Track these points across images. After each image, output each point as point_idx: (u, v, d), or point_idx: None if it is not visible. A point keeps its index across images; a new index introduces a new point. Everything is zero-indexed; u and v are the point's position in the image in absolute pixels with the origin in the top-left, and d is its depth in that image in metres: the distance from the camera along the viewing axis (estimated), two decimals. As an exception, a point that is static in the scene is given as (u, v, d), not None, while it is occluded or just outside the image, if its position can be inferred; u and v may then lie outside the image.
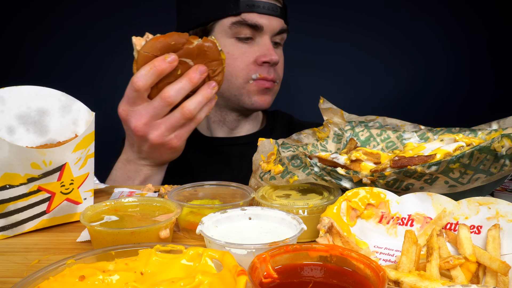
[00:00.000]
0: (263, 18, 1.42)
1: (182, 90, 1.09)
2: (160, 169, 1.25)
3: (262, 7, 1.41)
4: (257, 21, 1.41)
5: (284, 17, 1.50)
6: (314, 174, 0.83)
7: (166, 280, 0.57)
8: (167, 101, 1.09)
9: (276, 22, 1.44)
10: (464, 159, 0.71)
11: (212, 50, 1.10)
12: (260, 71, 1.44)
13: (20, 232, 0.84)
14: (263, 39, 1.44)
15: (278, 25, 1.45)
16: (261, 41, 1.44)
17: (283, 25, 1.48)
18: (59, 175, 0.84)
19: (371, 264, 0.53)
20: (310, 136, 1.02)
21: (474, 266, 0.62)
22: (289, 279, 0.56)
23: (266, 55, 1.43)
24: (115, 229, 0.72)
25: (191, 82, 1.09)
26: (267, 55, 1.43)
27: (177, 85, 1.09)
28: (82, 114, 0.95)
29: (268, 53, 1.43)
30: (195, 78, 1.09)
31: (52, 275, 0.56)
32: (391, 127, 1.02)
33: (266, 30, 1.43)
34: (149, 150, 1.17)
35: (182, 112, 1.11)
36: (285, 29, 1.50)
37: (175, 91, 1.09)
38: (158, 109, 1.10)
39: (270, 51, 1.43)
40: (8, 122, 0.90)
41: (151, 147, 1.15)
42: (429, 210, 0.73)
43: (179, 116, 1.11)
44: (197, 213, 0.82)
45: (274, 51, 1.45)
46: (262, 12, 1.41)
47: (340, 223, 0.72)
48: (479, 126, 0.94)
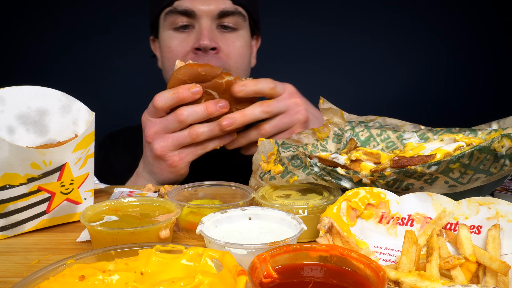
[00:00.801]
0: (197, 3, 1.34)
1: (195, 113, 1.10)
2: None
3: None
4: (187, 6, 1.34)
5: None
6: (314, 174, 0.83)
7: (166, 280, 0.57)
8: (179, 117, 1.10)
9: (216, 5, 1.35)
10: (464, 159, 0.71)
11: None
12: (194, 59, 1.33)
13: (20, 232, 0.84)
14: (200, 24, 1.35)
15: (218, 7, 1.35)
16: (198, 27, 1.36)
17: (229, 6, 1.37)
18: (59, 175, 0.84)
19: (371, 264, 0.53)
20: (310, 136, 1.02)
21: (474, 266, 0.62)
22: (289, 279, 0.56)
23: (196, 41, 1.33)
24: (115, 229, 0.72)
25: (207, 110, 1.10)
26: (197, 40, 1.33)
27: (193, 107, 1.11)
28: (82, 114, 0.95)
29: (198, 37, 1.33)
30: (211, 108, 1.10)
31: (52, 275, 0.56)
32: (391, 127, 1.02)
33: (201, 14, 1.34)
34: (153, 162, 1.18)
35: (190, 131, 1.12)
36: (234, 11, 1.38)
37: (188, 111, 1.10)
38: (170, 122, 1.12)
39: (202, 35, 1.33)
40: (8, 122, 0.90)
41: (154, 158, 1.16)
42: (429, 210, 0.73)
43: (186, 134, 1.12)
44: (197, 213, 0.82)
45: (211, 35, 1.34)
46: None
47: (340, 223, 0.72)
48: (479, 126, 0.94)
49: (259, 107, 1.13)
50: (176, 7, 1.36)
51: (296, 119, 1.15)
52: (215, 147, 1.17)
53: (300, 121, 1.15)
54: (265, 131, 1.15)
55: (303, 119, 1.15)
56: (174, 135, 1.13)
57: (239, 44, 1.41)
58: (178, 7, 1.35)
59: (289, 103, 1.15)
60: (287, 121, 1.15)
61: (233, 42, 1.40)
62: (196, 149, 1.15)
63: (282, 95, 1.15)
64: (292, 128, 1.16)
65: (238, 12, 1.39)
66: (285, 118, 1.15)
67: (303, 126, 1.16)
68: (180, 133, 1.13)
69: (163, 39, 1.42)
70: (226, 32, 1.40)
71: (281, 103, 1.14)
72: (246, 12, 1.44)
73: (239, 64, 1.41)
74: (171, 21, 1.38)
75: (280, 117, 1.15)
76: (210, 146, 1.16)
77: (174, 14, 1.36)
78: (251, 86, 1.11)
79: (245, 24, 1.45)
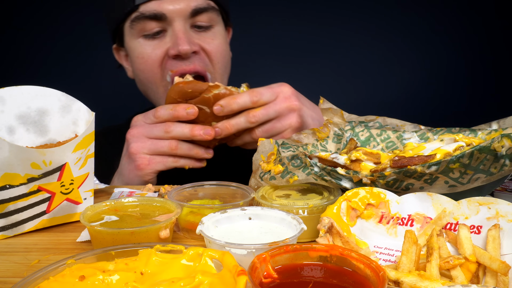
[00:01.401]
0: (166, 3, 1.23)
1: (181, 131, 1.13)
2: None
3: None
4: (156, 10, 1.22)
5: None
6: (314, 174, 0.83)
7: (166, 280, 0.57)
8: (165, 128, 1.14)
9: (186, 2, 1.25)
10: (464, 159, 0.71)
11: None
12: (173, 65, 1.26)
13: (20, 232, 0.84)
14: (173, 27, 1.25)
15: (191, 5, 1.25)
16: (171, 30, 1.26)
17: (201, 3, 1.27)
18: (59, 175, 0.84)
19: (371, 264, 0.53)
20: (310, 136, 1.02)
21: (474, 266, 0.62)
22: (289, 279, 0.56)
23: (174, 46, 1.24)
24: (115, 229, 0.72)
25: (191, 132, 1.13)
26: (174, 46, 1.24)
27: (181, 125, 1.14)
28: (82, 114, 0.95)
29: (175, 43, 1.24)
30: (196, 132, 1.13)
31: (52, 275, 0.56)
32: (391, 127, 1.02)
33: (172, 16, 1.24)
34: (124, 162, 1.19)
35: (170, 141, 1.14)
36: (207, 7, 1.29)
37: (176, 126, 1.13)
38: (156, 129, 1.14)
39: (178, 39, 1.23)
40: (8, 122, 0.90)
41: (127, 157, 1.17)
42: (429, 210, 0.73)
43: (166, 143, 1.14)
44: (197, 213, 0.82)
45: (189, 38, 1.25)
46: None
47: (340, 223, 0.72)
48: (479, 126, 0.94)
49: (245, 117, 1.13)
50: (143, 12, 1.23)
51: (288, 124, 1.14)
52: (185, 166, 1.18)
53: (292, 127, 1.14)
54: (256, 135, 1.15)
55: (295, 125, 1.14)
56: (154, 140, 1.15)
57: (217, 42, 1.34)
58: (145, 11, 1.23)
59: (280, 108, 1.13)
60: (278, 127, 1.14)
61: (211, 40, 1.32)
62: (167, 161, 1.16)
63: (275, 100, 1.14)
64: (284, 133, 1.15)
65: (211, 7, 1.30)
66: (277, 124, 1.14)
67: (296, 130, 1.15)
68: (160, 141, 1.15)
69: (132, 48, 1.31)
70: (201, 32, 1.31)
71: (270, 110, 1.13)
72: (218, 5, 1.35)
73: (221, 63, 1.35)
74: (140, 28, 1.26)
75: (272, 123, 1.15)
76: (181, 162, 1.17)
77: (142, 20, 1.24)
78: (228, 107, 1.12)
79: (219, 18, 1.37)
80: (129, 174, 1.18)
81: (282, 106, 1.13)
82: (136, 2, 1.23)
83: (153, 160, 1.15)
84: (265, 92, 1.13)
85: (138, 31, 1.27)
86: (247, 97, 1.12)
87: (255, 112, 1.13)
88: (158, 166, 1.16)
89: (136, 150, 1.15)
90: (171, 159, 1.16)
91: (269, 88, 1.15)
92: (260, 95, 1.12)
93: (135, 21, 1.26)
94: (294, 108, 1.14)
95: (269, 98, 1.13)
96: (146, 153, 1.15)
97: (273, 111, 1.13)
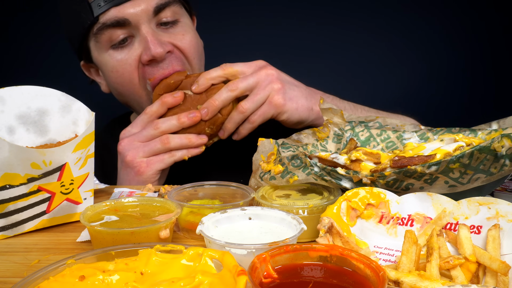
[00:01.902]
0: (126, 8, 1.17)
1: (170, 123, 1.16)
2: None
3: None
4: (117, 16, 1.17)
5: None
6: (314, 174, 0.83)
7: (166, 280, 0.57)
8: (155, 125, 1.16)
9: (147, 2, 1.19)
10: (464, 159, 0.71)
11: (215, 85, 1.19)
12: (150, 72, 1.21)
13: (20, 232, 0.84)
14: (139, 31, 1.20)
15: (152, 3, 1.19)
16: (139, 34, 1.21)
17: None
18: (59, 175, 0.84)
19: (371, 264, 0.53)
20: (310, 136, 1.02)
21: (474, 266, 0.62)
22: (289, 279, 0.56)
23: (146, 51, 1.19)
24: (115, 229, 0.72)
25: (178, 121, 1.16)
26: (146, 51, 1.19)
27: (168, 118, 1.17)
28: (82, 114, 0.95)
29: (147, 47, 1.19)
30: (183, 118, 1.16)
31: (52, 275, 0.56)
32: (391, 127, 1.02)
33: (136, 19, 1.18)
34: (122, 173, 1.19)
35: (161, 137, 1.16)
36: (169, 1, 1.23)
37: (163, 120, 1.17)
38: (146, 131, 1.16)
39: (149, 43, 1.18)
40: (8, 122, 0.90)
41: (124, 167, 1.18)
42: (429, 210, 0.73)
43: (157, 141, 1.16)
44: (197, 213, 0.82)
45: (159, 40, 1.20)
46: (121, 1, 1.17)
47: (340, 223, 0.72)
48: (479, 126, 0.94)
49: (225, 88, 1.16)
50: (104, 22, 1.18)
51: (270, 88, 1.16)
52: (183, 157, 1.18)
53: (275, 89, 1.16)
54: (243, 108, 1.16)
55: (277, 87, 1.16)
56: (146, 143, 1.16)
57: (189, 37, 1.28)
58: (106, 21, 1.18)
59: (258, 76, 1.16)
60: (262, 93, 1.16)
61: (182, 36, 1.26)
62: (164, 158, 1.17)
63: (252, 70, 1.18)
64: (269, 98, 1.16)
65: (172, 0, 1.24)
66: (259, 91, 1.16)
67: (280, 91, 1.16)
68: (152, 142, 1.16)
69: (103, 63, 1.26)
70: (169, 28, 1.25)
71: (249, 78, 1.16)
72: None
73: (196, 58, 1.31)
74: (105, 39, 1.21)
75: (255, 91, 1.16)
76: (178, 155, 1.18)
77: (105, 30, 1.19)
78: (203, 81, 1.17)
79: (182, 10, 1.30)
80: (130, 183, 1.18)
81: (260, 74, 1.16)
82: (95, 14, 1.18)
83: (150, 161, 1.16)
84: (237, 63, 1.18)
85: (104, 43, 1.22)
86: (218, 69, 1.17)
87: (234, 81, 1.16)
88: (157, 166, 1.16)
89: (132, 157, 1.16)
90: (167, 155, 1.17)
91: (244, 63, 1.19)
92: (230, 65, 1.17)
93: (98, 34, 1.21)
94: (271, 73, 1.17)
95: (242, 68, 1.18)
96: (142, 156, 1.16)
97: (252, 79, 1.16)
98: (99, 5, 1.17)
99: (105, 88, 1.41)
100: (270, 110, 1.17)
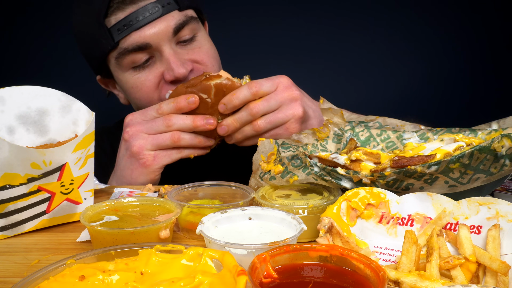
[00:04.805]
0: (145, 31, 1.18)
1: (183, 122, 1.13)
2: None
3: (136, 19, 1.17)
4: (138, 41, 1.19)
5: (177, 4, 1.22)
6: (314, 174, 0.83)
7: (166, 280, 0.57)
8: (167, 122, 1.13)
9: (166, 22, 1.20)
10: (464, 159, 0.71)
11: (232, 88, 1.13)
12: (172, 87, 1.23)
13: (20, 232, 0.84)
14: (161, 52, 1.22)
15: (171, 24, 1.21)
16: (161, 56, 1.23)
17: (179, 18, 1.23)
18: (59, 175, 0.84)
19: (371, 264, 0.54)
20: (310, 136, 1.02)
21: (474, 266, 0.62)
22: (289, 279, 0.56)
23: (168, 72, 1.22)
24: (115, 229, 0.72)
25: (193, 123, 1.13)
26: (169, 71, 1.22)
27: (182, 117, 1.13)
28: (82, 114, 0.95)
29: (169, 68, 1.22)
30: (199, 122, 1.13)
31: (52, 275, 0.56)
32: (391, 127, 1.02)
33: (157, 42, 1.20)
34: (125, 162, 1.17)
35: (172, 133, 1.14)
36: (186, 20, 1.24)
37: (177, 119, 1.13)
38: (156, 124, 1.13)
39: (172, 64, 1.21)
40: (8, 122, 0.90)
41: (128, 157, 1.16)
42: (429, 210, 0.73)
43: (167, 136, 1.14)
44: (197, 213, 0.82)
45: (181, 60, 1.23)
46: (141, 25, 1.18)
47: (340, 223, 0.72)
48: (479, 126, 0.94)
49: (246, 111, 1.12)
50: (125, 47, 1.20)
51: (291, 114, 1.12)
52: (189, 155, 1.18)
53: (296, 116, 1.12)
54: (259, 127, 1.13)
55: (299, 114, 1.12)
56: (154, 136, 1.14)
57: (206, 48, 1.31)
58: (128, 46, 1.20)
59: (282, 98, 1.12)
60: (281, 117, 1.13)
61: (199, 49, 1.29)
62: (172, 153, 1.16)
63: (275, 90, 1.13)
64: (287, 123, 1.13)
65: (189, 18, 1.26)
66: (279, 114, 1.13)
67: (299, 121, 1.13)
68: (162, 134, 1.14)
69: (123, 81, 1.28)
70: (187, 45, 1.28)
71: (271, 100, 1.12)
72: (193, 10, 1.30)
73: (215, 66, 1.33)
74: (128, 62, 1.23)
75: (275, 113, 1.13)
76: (185, 152, 1.17)
77: (126, 55, 1.21)
78: (230, 103, 1.12)
79: (198, 24, 1.32)
80: (132, 173, 1.17)
81: (284, 96, 1.12)
82: (115, 39, 1.19)
83: (158, 155, 1.15)
84: (264, 83, 1.13)
85: (126, 65, 1.24)
86: (246, 89, 1.11)
87: (255, 104, 1.12)
88: (164, 160, 1.16)
89: (139, 148, 1.14)
90: (175, 150, 1.16)
91: (268, 79, 1.14)
92: (259, 85, 1.12)
93: (120, 58, 1.22)
94: (296, 97, 1.13)
95: (269, 89, 1.13)
96: (150, 149, 1.14)
97: (275, 101, 1.12)
98: (118, 30, 1.18)
99: (124, 100, 1.43)
100: (283, 135, 1.14)
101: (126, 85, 1.30)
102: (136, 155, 1.15)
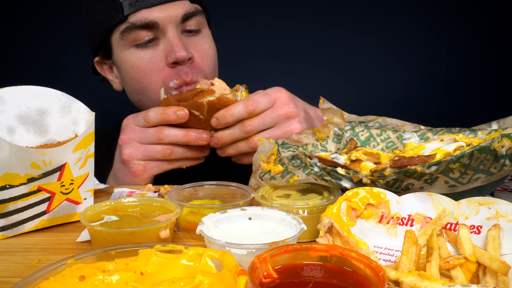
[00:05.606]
0: (155, 11, 1.21)
1: (175, 136, 1.11)
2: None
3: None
4: (147, 18, 1.21)
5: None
6: (314, 174, 0.83)
7: (166, 280, 0.57)
8: (159, 135, 1.11)
9: (176, 8, 1.23)
10: (464, 159, 0.71)
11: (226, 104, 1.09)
12: (176, 75, 1.24)
13: (20, 232, 0.84)
14: (166, 34, 1.24)
15: (180, 11, 1.24)
16: (165, 37, 1.24)
17: (189, 7, 1.26)
18: (59, 175, 0.84)
19: (371, 264, 0.54)
20: (310, 136, 1.02)
21: (474, 266, 0.62)
22: (289, 279, 0.56)
23: (170, 54, 1.22)
24: (115, 229, 0.72)
25: (185, 137, 1.11)
26: (171, 53, 1.22)
27: (175, 130, 1.11)
28: (82, 114, 0.95)
29: (172, 50, 1.22)
30: (191, 137, 1.11)
31: (52, 275, 0.56)
32: (391, 127, 1.02)
33: (165, 24, 1.22)
34: (118, 166, 1.18)
35: (164, 148, 1.13)
36: (196, 11, 1.27)
37: (169, 132, 1.11)
38: (148, 135, 1.12)
39: (174, 47, 1.22)
40: (8, 122, 0.90)
41: (120, 162, 1.16)
42: (429, 210, 0.73)
43: (159, 149, 1.13)
44: (197, 213, 0.82)
45: (184, 45, 1.24)
46: (152, 4, 1.20)
47: (340, 223, 0.72)
48: (479, 126, 0.94)
49: (239, 128, 1.09)
50: (133, 22, 1.21)
51: (289, 132, 1.09)
52: (181, 166, 1.17)
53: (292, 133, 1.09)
54: (255, 144, 1.09)
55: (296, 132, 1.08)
56: (147, 146, 1.13)
57: (207, 46, 1.33)
58: (136, 21, 1.21)
59: (279, 116, 1.09)
60: (278, 134, 1.10)
61: (201, 46, 1.31)
62: (163, 164, 1.15)
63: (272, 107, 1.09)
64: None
65: (198, 11, 1.29)
66: (276, 131, 1.10)
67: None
68: (154, 146, 1.13)
69: (124, 59, 1.29)
70: (191, 36, 1.30)
71: (267, 118, 1.09)
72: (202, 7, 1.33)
73: (211, 67, 1.34)
74: (132, 38, 1.24)
75: (272, 130, 1.10)
76: (177, 164, 1.16)
77: (133, 30, 1.22)
78: (223, 119, 1.09)
79: (205, 21, 1.35)
80: (124, 178, 1.17)
81: (280, 113, 1.09)
82: (125, 13, 1.21)
83: (148, 165, 1.14)
84: (261, 100, 1.09)
85: (129, 41, 1.25)
86: (242, 107, 1.08)
87: (250, 122, 1.08)
88: (154, 171, 1.15)
89: (130, 157, 1.13)
90: (166, 162, 1.15)
91: (266, 95, 1.10)
92: (256, 103, 1.08)
93: (125, 32, 1.23)
94: (293, 115, 1.10)
95: (266, 106, 1.09)
96: (140, 159, 1.14)
97: (270, 120, 1.09)
98: (130, 5, 1.20)
99: (118, 86, 1.42)
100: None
101: (126, 63, 1.29)
102: (126, 163, 1.14)
